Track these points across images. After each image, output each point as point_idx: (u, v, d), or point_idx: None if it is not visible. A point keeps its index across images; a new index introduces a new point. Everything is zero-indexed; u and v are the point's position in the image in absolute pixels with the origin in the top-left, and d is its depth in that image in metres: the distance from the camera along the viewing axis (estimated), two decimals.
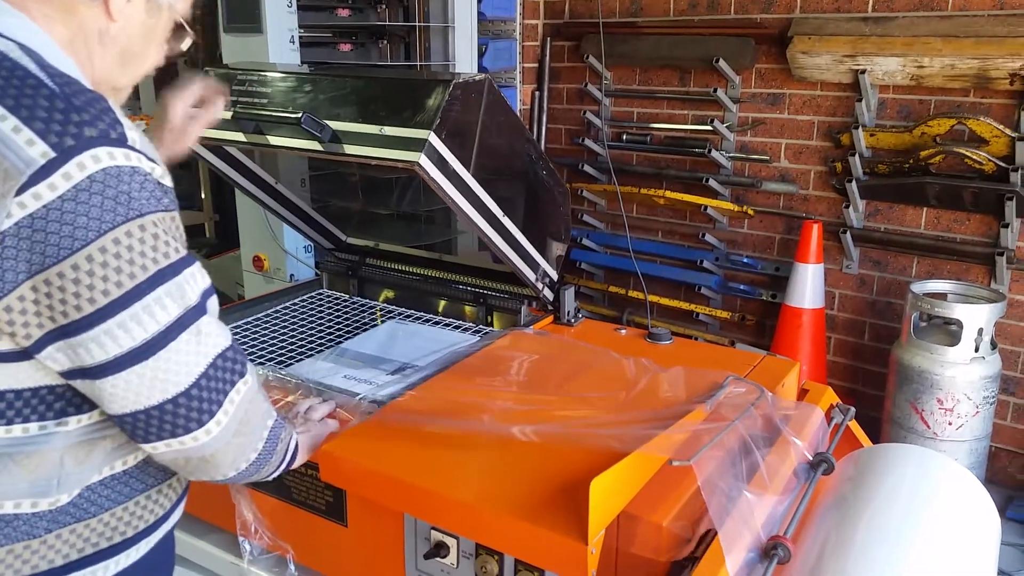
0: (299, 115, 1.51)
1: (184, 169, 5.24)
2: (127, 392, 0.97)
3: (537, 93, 4.15)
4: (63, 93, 0.93)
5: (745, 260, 3.67)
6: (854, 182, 3.31)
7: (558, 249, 1.95)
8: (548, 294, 1.95)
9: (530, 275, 1.84)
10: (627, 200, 3.85)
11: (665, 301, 3.85)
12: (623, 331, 1.93)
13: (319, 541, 1.63)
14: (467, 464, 1.31)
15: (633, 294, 3.88)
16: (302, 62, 2.96)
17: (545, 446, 1.31)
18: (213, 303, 1.07)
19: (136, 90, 5.64)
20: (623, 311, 4.02)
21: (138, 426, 1.01)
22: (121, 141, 0.95)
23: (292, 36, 2.93)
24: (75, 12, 1.02)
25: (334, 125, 1.54)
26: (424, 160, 1.43)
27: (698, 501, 1.27)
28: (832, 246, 3.47)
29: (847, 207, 3.35)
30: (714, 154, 3.57)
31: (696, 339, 3.79)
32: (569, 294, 1.98)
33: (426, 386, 1.54)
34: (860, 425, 1.69)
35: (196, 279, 1.03)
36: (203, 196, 4.87)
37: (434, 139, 1.43)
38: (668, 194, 3.70)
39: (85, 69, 1.05)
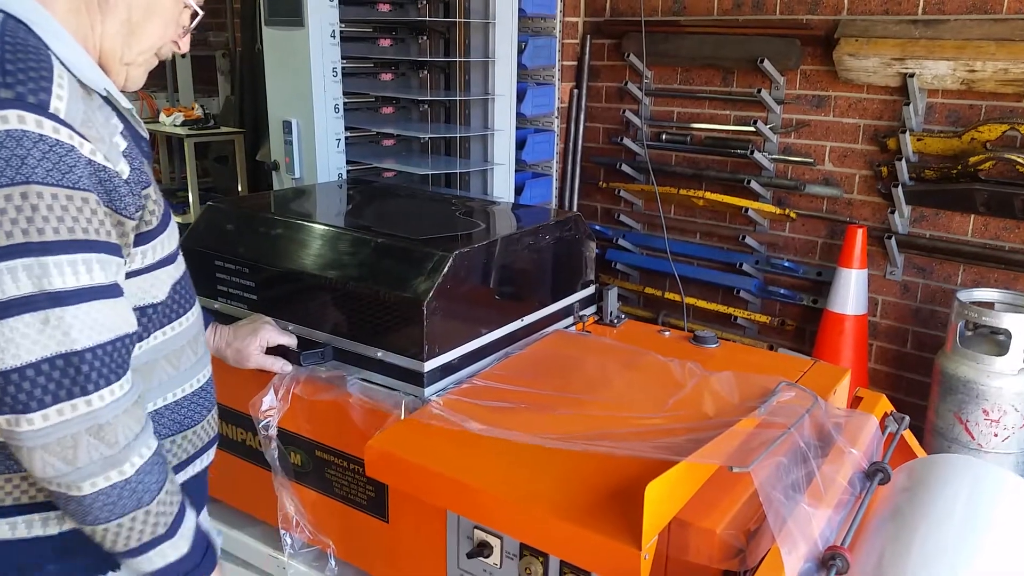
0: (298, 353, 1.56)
1: (220, 163, 5.28)
2: None
3: (576, 91, 4.12)
4: (1, 57, 0.93)
5: (786, 264, 3.62)
6: (900, 187, 3.24)
7: (589, 275, 1.96)
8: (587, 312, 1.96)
9: (567, 321, 1.89)
10: (665, 201, 3.81)
11: (702, 304, 3.80)
12: (667, 333, 1.90)
13: (360, 536, 1.62)
14: (514, 463, 1.29)
15: (669, 296, 3.84)
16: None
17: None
18: (108, 306, 0.99)
19: (175, 82, 5.70)
20: (658, 313, 3.98)
21: None
22: (39, 107, 0.94)
23: (333, 30, 2.94)
24: None
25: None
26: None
27: (749, 509, 1.24)
28: (875, 251, 3.41)
29: (892, 212, 3.29)
30: (756, 155, 3.52)
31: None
32: (612, 295, 1.96)
33: (470, 384, 1.53)
34: None
35: (80, 270, 0.95)
36: (240, 190, 4.90)
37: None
38: (708, 195, 3.66)
39: (87, 40, 1.06)
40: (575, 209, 4.15)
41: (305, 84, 2.95)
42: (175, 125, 4.89)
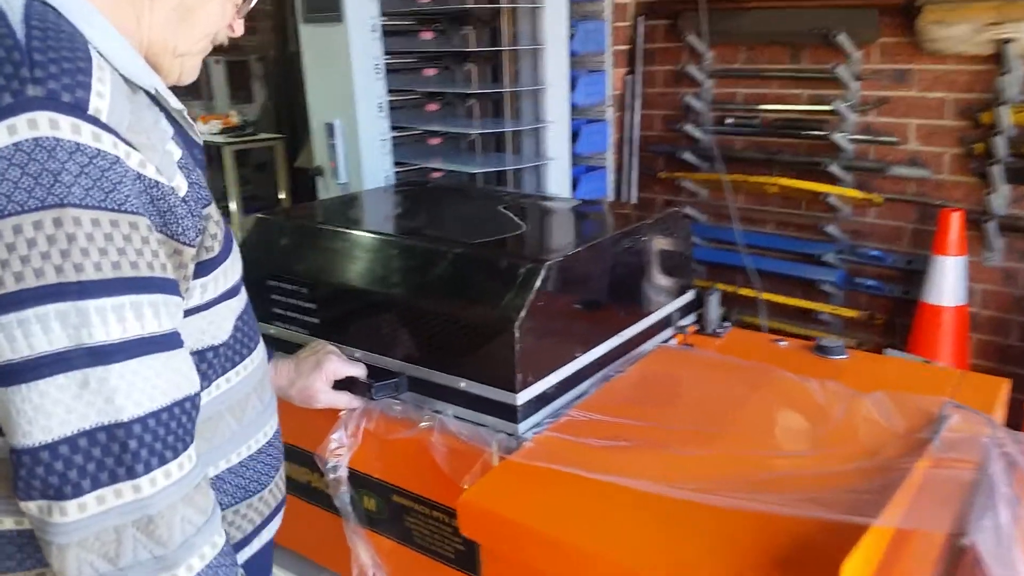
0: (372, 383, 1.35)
1: (260, 170, 5.13)
2: None
3: (630, 77, 3.87)
4: (27, 45, 0.73)
5: (873, 253, 3.33)
6: (998, 165, 2.95)
7: (688, 279, 1.73)
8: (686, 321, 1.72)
9: (666, 334, 1.66)
10: (734, 189, 3.54)
11: (780, 299, 3.53)
12: (783, 343, 1.66)
13: None
14: (641, 521, 1.06)
15: (743, 292, 3.58)
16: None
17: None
18: (163, 362, 0.78)
19: (209, 89, 5.56)
20: (731, 310, 3.71)
21: None
22: (76, 108, 0.73)
23: (373, 24, 2.74)
24: None
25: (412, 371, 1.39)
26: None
27: None
28: (971, 236, 3.11)
29: (989, 193, 2.99)
30: (835, 136, 3.24)
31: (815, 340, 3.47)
32: (714, 300, 1.71)
33: (569, 418, 1.30)
34: None
35: (127, 316, 0.75)
36: (281, 197, 4.74)
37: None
38: (782, 181, 3.39)
39: (131, 32, 0.85)
40: (636, 202, 3.91)
41: (347, 83, 2.76)
42: (213, 134, 4.74)
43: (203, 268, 0.88)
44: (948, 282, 3.04)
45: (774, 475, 1.09)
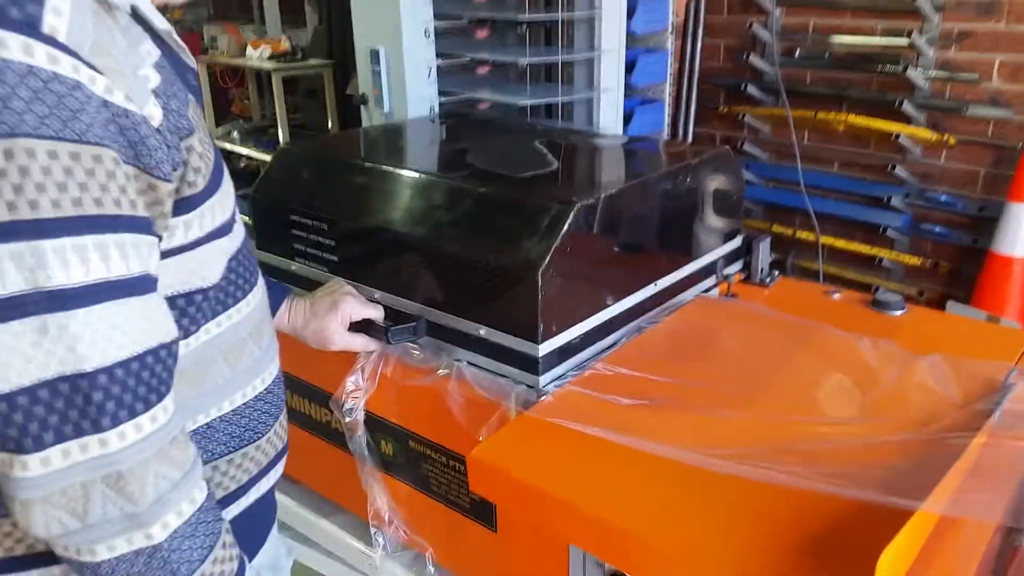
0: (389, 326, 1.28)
1: (310, 97, 5.05)
2: None
3: (693, 3, 3.65)
4: None
5: (943, 198, 3.13)
6: None
7: (737, 225, 1.60)
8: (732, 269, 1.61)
9: (709, 282, 1.55)
10: (799, 126, 3.34)
11: (840, 243, 3.36)
12: (836, 295, 1.54)
13: (463, 543, 1.36)
14: (665, 490, 0.98)
15: (801, 235, 3.41)
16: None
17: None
18: (132, 308, 0.71)
19: (260, 11, 5.46)
20: (787, 254, 3.55)
21: None
22: (26, 25, 0.65)
23: None
24: None
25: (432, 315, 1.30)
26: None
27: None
28: None
29: None
30: (910, 73, 3.01)
31: (876, 289, 3.31)
32: (764, 247, 1.60)
33: (595, 371, 1.21)
34: None
35: (91, 258, 0.68)
36: (330, 125, 4.66)
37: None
38: (851, 118, 3.17)
39: None
40: (691, 138, 3.73)
41: (393, 7, 2.64)
42: (262, 59, 4.66)
43: (186, 204, 0.80)
44: (1023, 231, 2.84)
45: (812, 446, 1.00)
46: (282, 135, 4.46)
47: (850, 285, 3.42)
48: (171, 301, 0.81)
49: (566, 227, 1.15)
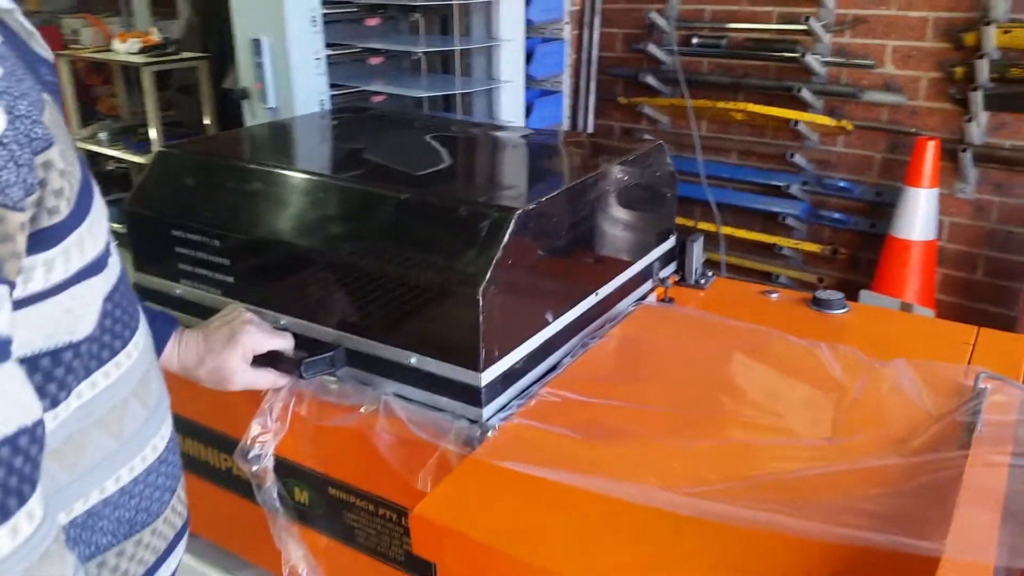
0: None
1: (184, 93, 4.70)
2: None
3: None
4: None
5: (841, 184, 3.16)
6: (979, 91, 2.77)
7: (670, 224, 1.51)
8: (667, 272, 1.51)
9: (646, 287, 1.44)
10: (697, 116, 3.31)
11: (741, 233, 3.36)
12: (774, 295, 1.46)
13: None
14: (629, 541, 0.86)
15: (703, 226, 3.39)
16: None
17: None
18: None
19: (128, 4, 5.05)
20: None
21: None
22: None
23: None
24: None
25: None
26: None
27: None
28: (943, 166, 2.95)
29: (969, 120, 2.82)
30: (806, 59, 3.02)
31: (777, 277, 3.33)
32: (697, 247, 1.51)
33: (542, 399, 1.08)
34: None
35: None
36: (207, 123, 4.35)
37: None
38: (750, 107, 3.17)
39: None
40: (591, 130, 3.65)
41: None
42: (131, 53, 4.28)
43: (45, 238, 0.62)
44: (920, 215, 2.89)
45: (790, 475, 0.90)
46: (155, 135, 4.12)
47: (750, 274, 3.44)
48: (32, 363, 0.62)
49: (507, 236, 1.00)
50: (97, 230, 0.69)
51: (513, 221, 1.01)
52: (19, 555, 0.55)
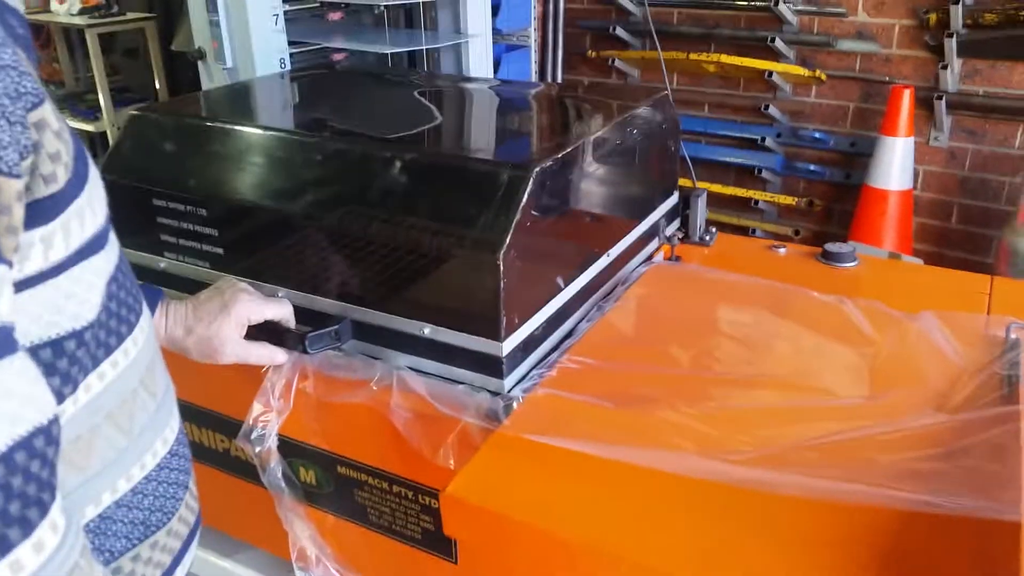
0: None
1: (130, 57, 4.49)
2: None
3: None
4: None
5: (815, 135, 3.14)
6: (953, 37, 2.75)
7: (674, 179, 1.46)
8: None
9: (653, 245, 1.37)
10: (669, 69, 3.25)
11: (716, 188, 3.32)
12: (781, 250, 1.42)
13: None
14: (689, 515, 0.82)
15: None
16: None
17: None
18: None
19: None
20: None
21: None
22: None
23: None
24: None
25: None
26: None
27: None
28: (918, 115, 2.95)
29: (944, 67, 2.81)
30: (780, 7, 2.97)
31: (753, 232, 3.31)
32: (701, 202, 1.46)
33: (564, 367, 1.03)
34: None
35: None
36: (158, 87, 4.15)
37: None
38: (723, 58, 3.11)
39: None
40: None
41: None
42: (71, 14, 4.05)
43: (43, 210, 0.54)
44: (896, 164, 2.89)
45: (842, 436, 0.86)
46: (103, 100, 3.93)
47: (726, 228, 3.41)
48: (32, 354, 0.55)
49: (526, 196, 0.94)
50: (96, 204, 0.61)
51: (532, 180, 0.95)
52: (46, 573, 0.48)
